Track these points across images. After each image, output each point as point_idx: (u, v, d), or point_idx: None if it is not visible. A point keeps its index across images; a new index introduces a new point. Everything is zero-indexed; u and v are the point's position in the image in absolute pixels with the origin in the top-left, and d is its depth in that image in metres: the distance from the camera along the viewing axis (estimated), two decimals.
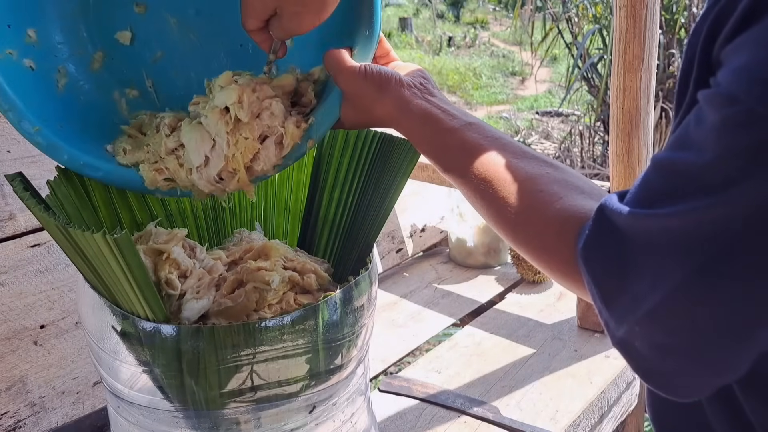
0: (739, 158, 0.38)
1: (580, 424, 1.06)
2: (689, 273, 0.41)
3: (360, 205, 0.83)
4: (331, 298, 0.66)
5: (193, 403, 0.65)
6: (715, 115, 0.39)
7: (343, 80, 0.66)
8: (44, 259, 0.99)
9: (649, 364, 0.46)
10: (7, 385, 0.91)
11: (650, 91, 1.12)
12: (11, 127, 1.02)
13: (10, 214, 0.98)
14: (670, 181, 0.42)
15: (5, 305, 0.94)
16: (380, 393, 1.10)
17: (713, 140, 0.39)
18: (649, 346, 0.45)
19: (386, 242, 1.54)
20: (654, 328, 0.44)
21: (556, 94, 6.38)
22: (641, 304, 0.44)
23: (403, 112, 0.64)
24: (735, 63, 0.39)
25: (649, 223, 0.43)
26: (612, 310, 0.47)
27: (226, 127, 0.67)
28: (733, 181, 0.38)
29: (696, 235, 0.40)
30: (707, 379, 0.46)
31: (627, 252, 0.45)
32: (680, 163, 0.42)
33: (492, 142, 0.61)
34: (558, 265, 0.54)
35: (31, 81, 0.70)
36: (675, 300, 0.42)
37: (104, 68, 0.78)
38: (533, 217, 0.56)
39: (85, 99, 0.76)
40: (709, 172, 0.39)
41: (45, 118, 0.69)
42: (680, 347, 0.44)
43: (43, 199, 0.68)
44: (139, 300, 0.61)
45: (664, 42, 3.50)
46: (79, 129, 0.72)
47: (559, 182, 0.57)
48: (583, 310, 1.27)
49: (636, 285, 0.44)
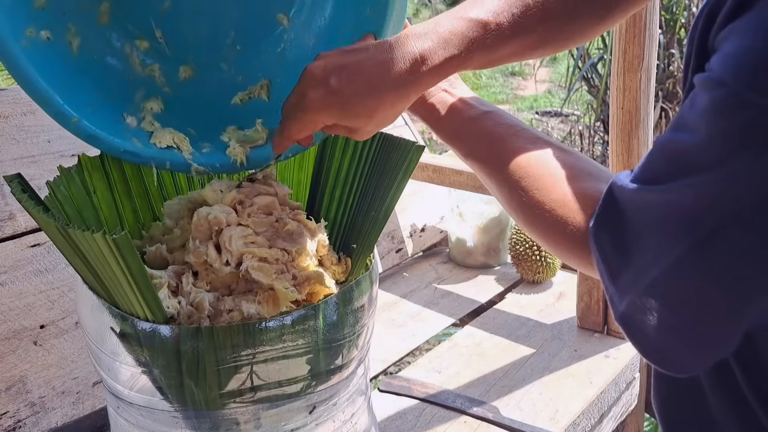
0: (727, 139, 0.40)
1: (579, 424, 1.06)
2: (686, 248, 0.43)
3: (360, 205, 0.83)
4: (331, 298, 0.66)
5: (192, 404, 0.65)
6: (707, 99, 0.41)
7: None
8: (44, 259, 0.99)
9: (647, 337, 0.48)
10: (7, 385, 0.91)
11: (650, 91, 1.12)
12: (11, 126, 1.03)
13: (10, 214, 0.98)
14: (669, 160, 0.45)
15: (5, 305, 0.94)
16: (380, 393, 1.10)
17: (705, 122, 0.41)
18: (647, 320, 0.47)
19: (386, 242, 1.54)
20: (653, 301, 0.46)
21: (556, 94, 6.38)
22: (643, 277, 0.46)
23: (426, 103, 0.68)
24: (726, 49, 0.41)
25: (651, 198, 0.45)
26: (616, 285, 0.49)
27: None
28: (723, 160, 0.40)
29: (691, 211, 0.42)
30: (702, 354, 0.48)
31: (632, 227, 0.47)
32: (677, 143, 0.44)
33: (507, 129, 0.64)
34: (567, 244, 0.57)
35: (52, 56, 0.69)
36: (673, 273, 0.44)
37: (112, 21, 0.75)
38: (544, 199, 0.58)
39: (98, 59, 0.75)
40: (701, 151, 0.42)
41: (73, 97, 0.69)
42: (677, 321, 0.46)
43: (42, 200, 0.68)
44: (138, 301, 0.61)
45: (664, 42, 3.50)
46: (105, 101, 0.73)
47: (570, 166, 0.59)
48: (583, 310, 1.27)
49: (639, 259, 0.46)
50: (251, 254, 0.72)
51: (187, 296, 0.69)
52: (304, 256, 0.76)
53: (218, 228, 0.73)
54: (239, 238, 0.73)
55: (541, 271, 1.44)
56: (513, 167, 0.61)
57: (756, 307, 0.43)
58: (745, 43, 0.39)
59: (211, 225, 0.73)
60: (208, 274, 0.72)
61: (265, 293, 0.71)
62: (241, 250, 0.72)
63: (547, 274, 1.45)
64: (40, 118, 1.06)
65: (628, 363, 1.19)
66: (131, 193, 0.81)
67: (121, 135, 0.72)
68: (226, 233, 0.73)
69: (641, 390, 1.28)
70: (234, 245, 0.72)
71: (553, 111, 5.79)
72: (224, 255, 0.72)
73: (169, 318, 0.66)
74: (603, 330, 1.26)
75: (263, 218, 0.77)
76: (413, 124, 1.67)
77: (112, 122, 0.72)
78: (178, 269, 0.73)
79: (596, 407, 1.10)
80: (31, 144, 1.04)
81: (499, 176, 0.62)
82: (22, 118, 1.05)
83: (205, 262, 0.72)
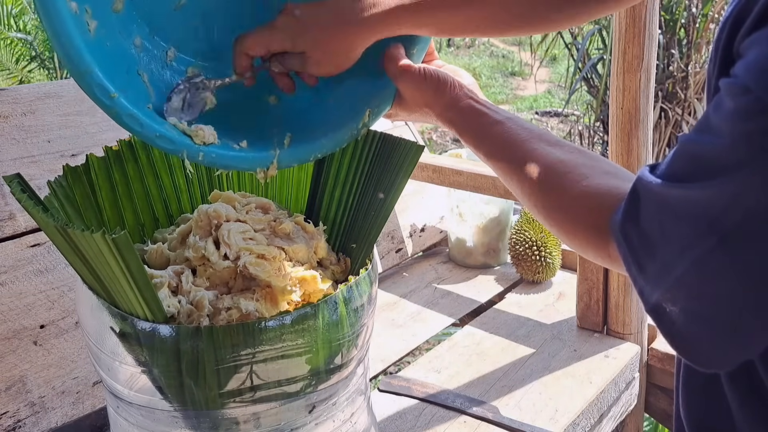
0: (748, 143, 0.41)
1: (579, 423, 1.06)
2: (713, 243, 0.44)
3: (360, 205, 0.83)
4: (331, 298, 0.66)
5: (192, 404, 0.65)
6: (731, 103, 0.43)
7: (403, 81, 0.74)
8: (44, 259, 0.99)
9: (677, 329, 0.49)
10: (6, 385, 0.91)
11: (650, 91, 1.12)
12: (11, 126, 1.03)
13: (10, 214, 0.99)
14: (693, 160, 0.46)
15: (5, 305, 0.94)
16: (380, 393, 1.10)
17: (729, 126, 0.43)
18: (677, 312, 0.48)
19: (386, 242, 1.54)
20: (683, 294, 0.48)
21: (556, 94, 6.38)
22: (671, 270, 0.47)
23: (453, 109, 0.74)
24: (750, 56, 0.43)
25: (677, 193, 0.47)
26: (646, 277, 0.50)
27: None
28: (744, 164, 0.42)
29: (716, 209, 0.44)
30: (730, 349, 0.48)
31: (657, 221, 0.49)
32: (701, 144, 0.46)
33: (528, 133, 0.70)
34: (587, 237, 0.61)
35: (80, 30, 0.64)
36: (701, 268, 0.45)
37: (126, 9, 0.71)
38: (565, 195, 0.63)
39: (110, 45, 0.70)
40: (724, 154, 0.43)
41: (108, 75, 0.65)
42: (706, 314, 0.47)
43: (41, 200, 0.68)
44: (138, 300, 0.61)
45: (664, 42, 3.50)
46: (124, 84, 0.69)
47: (587, 165, 0.64)
48: (583, 310, 1.27)
49: (667, 252, 0.48)
50: (249, 251, 0.72)
51: (187, 295, 0.70)
52: (300, 256, 0.76)
53: (217, 222, 0.74)
54: (238, 233, 0.73)
55: (540, 271, 1.44)
56: (534, 167, 0.66)
57: None
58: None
59: (211, 219, 0.74)
60: (206, 270, 0.72)
61: (263, 290, 0.71)
62: (240, 245, 0.72)
63: (546, 274, 1.45)
64: (40, 118, 1.06)
65: (628, 363, 1.19)
66: (132, 194, 0.82)
67: (155, 119, 0.68)
68: (225, 228, 0.73)
69: (641, 390, 1.28)
70: (233, 239, 0.72)
71: (553, 111, 5.79)
72: (222, 249, 0.72)
73: (169, 317, 0.66)
74: (603, 330, 1.26)
75: (261, 216, 0.77)
76: (413, 125, 1.67)
77: (143, 106, 0.69)
78: (177, 269, 0.73)
79: (596, 407, 1.10)
80: (31, 144, 1.04)
81: (522, 175, 0.67)
82: (22, 118, 1.05)
83: (203, 257, 0.72)
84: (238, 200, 0.80)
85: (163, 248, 0.76)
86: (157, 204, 0.84)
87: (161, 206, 0.84)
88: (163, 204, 0.84)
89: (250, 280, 0.72)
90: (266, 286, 0.71)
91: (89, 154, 0.76)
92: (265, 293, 0.71)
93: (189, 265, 0.74)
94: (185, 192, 0.86)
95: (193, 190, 0.87)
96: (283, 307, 0.71)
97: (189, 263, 0.74)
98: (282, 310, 0.71)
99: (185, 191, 0.86)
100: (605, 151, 3.92)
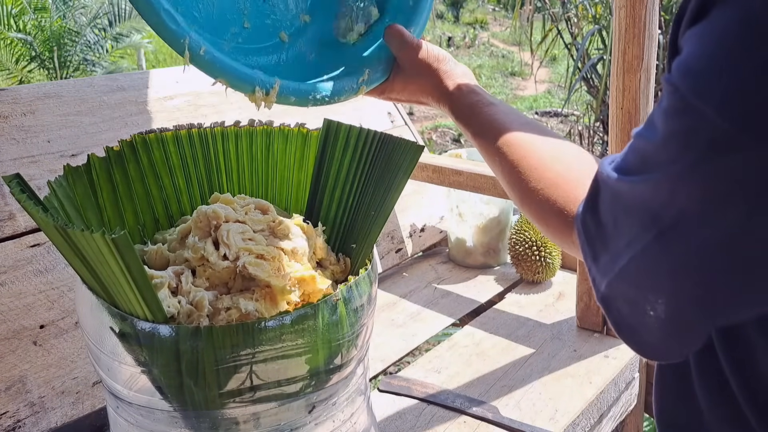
0: (675, 141, 0.42)
1: (579, 424, 1.06)
2: (652, 237, 0.45)
3: (360, 205, 0.83)
4: (330, 298, 0.66)
5: (192, 404, 0.65)
6: (664, 100, 0.44)
7: (405, 53, 0.80)
8: (44, 259, 0.99)
9: (623, 320, 0.50)
10: (6, 385, 0.91)
11: (649, 92, 1.12)
12: (11, 126, 1.03)
13: (10, 214, 0.98)
14: (639, 154, 0.47)
15: (5, 305, 0.94)
16: (380, 393, 1.10)
17: (662, 122, 0.44)
18: (623, 304, 0.49)
19: (386, 242, 1.54)
20: (627, 285, 0.49)
21: (556, 95, 6.38)
22: (618, 261, 0.48)
23: (450, 83, 0.78)
24: (682, 54, 0.43)
25: (627, 187, 0.48)
26: (598, 267, 0.51)
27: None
28: (673, 161, 0.43)
29: (656, 203, 0.44)
30: (671, 341, 0.49)
31: (610, 213, 0.50)
32: (644, 139, 0.47)
33: (517, 118, 0.74)
34: (556, 224, 0.63)
35: None
36: (641, 260, 0.46)
37: None
38: (539, 178, 0.65)
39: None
40: (659, 150, 0.44)
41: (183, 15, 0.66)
42: (648, 306, 0.48)
43: (41, 200, 0.68)
44: (138, 300, 0.61)
45: (664, 42, 3.50)
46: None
47: (568, 154, 0.67)
48: (583, 310, 1.27)
49: (615, 244, 0.49)
50: (248, 251, 0.72)
51: (187, 295, 0.70)
52: (299, 257, 0.76)
53: (217, 222, 0.74)
54: (237, 234, 0.73)
55: (540, 271, 1.44)
56: (516, 149, 0.70)
57: (721, 301, 0.45)
58: (694, 50, 0.41)
59: (210, 220, 0.74)
60: (206, 270, 0.72)
61: (263, 290, 0.71)
62: (239, 245, 0.72)
63: (546, 274, 1.45)
64: (40, 118, 1.06)
65: (628, 363, 1.19)
66: (133, 194, 0.82)
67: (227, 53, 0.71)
68: (224, 228, 0.73)
69: (641, 390, 1.28)
70: (232, 239, 0.72)
71: (553, 111, 5.79)
72: (222, 249, 0.72)
73: (169, 317, 0.66)
74: (602, 330, 1.26)
75: (260, 216, 0.77)
76: (413, 125, 1.67)
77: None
78: (177, 269, 0.73)
79: (595, 407, 1.10)
80: (31, 144, 1.04)
81: (502, 157, 0.71)
82: (22, 118, 1.05)
83: (202, 257, 0.72)
84: (237, 202, 0.80)
85: (162, 249, 0.76)
86: (157, 205, 0.84)
87: (161, 207, 0.84)
88: (164, 204, 0.84)
89: (250, 281, 0.72)
90: (266, 286, 0.71)
91: (91, 154, 0.77)
92: (265, 293, 0.71)
93: (188, 265, 0.74)
94: (185, 193, 0.86)
95: (193, 191, 0.87)
96: (282, 307, 0.71)
97: (188, 264, 0.74)
98: (281, 310, 0.71)
99: (185, 192, 0.86)
100: (605, 151, 3.92)
